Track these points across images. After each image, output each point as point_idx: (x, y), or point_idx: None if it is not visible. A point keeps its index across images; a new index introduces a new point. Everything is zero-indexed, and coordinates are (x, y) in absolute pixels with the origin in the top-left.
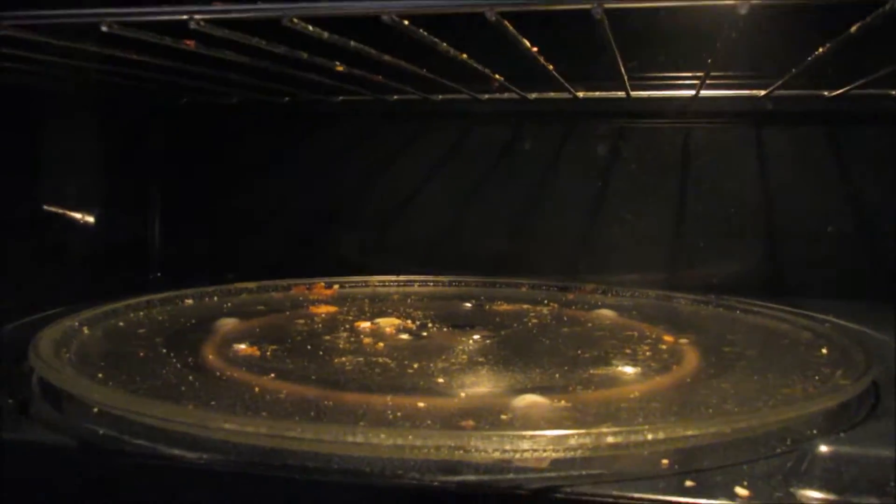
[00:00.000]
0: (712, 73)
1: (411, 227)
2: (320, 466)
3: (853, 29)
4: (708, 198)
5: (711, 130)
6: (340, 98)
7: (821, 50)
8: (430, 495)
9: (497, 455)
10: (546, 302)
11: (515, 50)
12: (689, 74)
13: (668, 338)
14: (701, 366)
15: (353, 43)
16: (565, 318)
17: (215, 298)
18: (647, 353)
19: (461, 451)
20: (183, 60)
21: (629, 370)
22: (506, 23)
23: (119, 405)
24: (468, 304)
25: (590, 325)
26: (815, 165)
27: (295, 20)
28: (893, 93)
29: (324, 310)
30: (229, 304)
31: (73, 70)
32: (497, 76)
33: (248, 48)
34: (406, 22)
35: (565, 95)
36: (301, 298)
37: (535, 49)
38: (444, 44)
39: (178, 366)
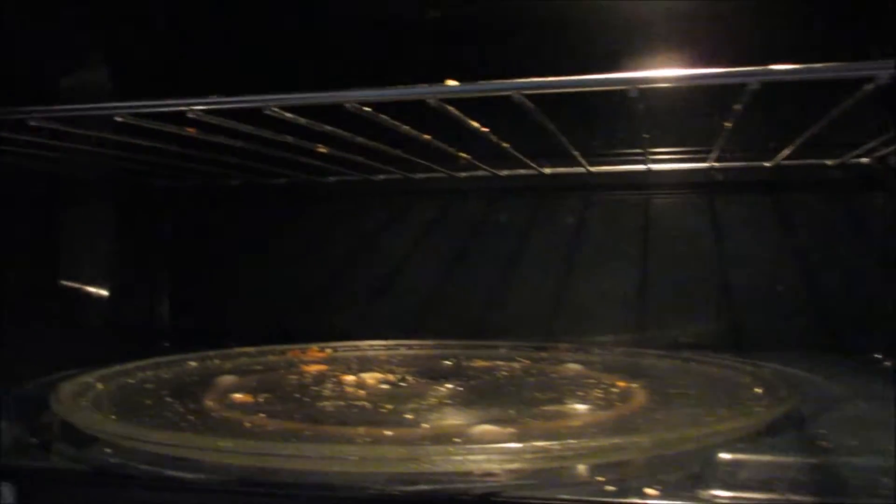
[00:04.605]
0: (666, 149)
1: (397, 297)
2: (298, 482)
3: (736, 107)
4: (668, 262)
5: (668, 200)
6: (332, 179)
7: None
8: (391, 502)
9: (448, 468)
10: (519, 359)
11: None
12: (642, 150)
13: (621, 383)
14: (643, 403)
15: (327, 127)
16: (533, 371)
17: (216, 361)
18: (599, 395)
19: (416, 463)
20: (186, 146)
21: (578, 407)
22: (448, 107)
23: (128, 434)
24: (447, 362)
25: (554, 375)
26: (765, 230)
27: (275, 109)
28: (828, 162)
29: (314, 368)
30: (229, 365)
31: (92, 156)
32: (464, 155)
33: (240, 134)
34: (367, 108)
35: (534, 172)
36: (296, 360)
37: (486, 129)
38: (406, 126)
39: (181, 410)
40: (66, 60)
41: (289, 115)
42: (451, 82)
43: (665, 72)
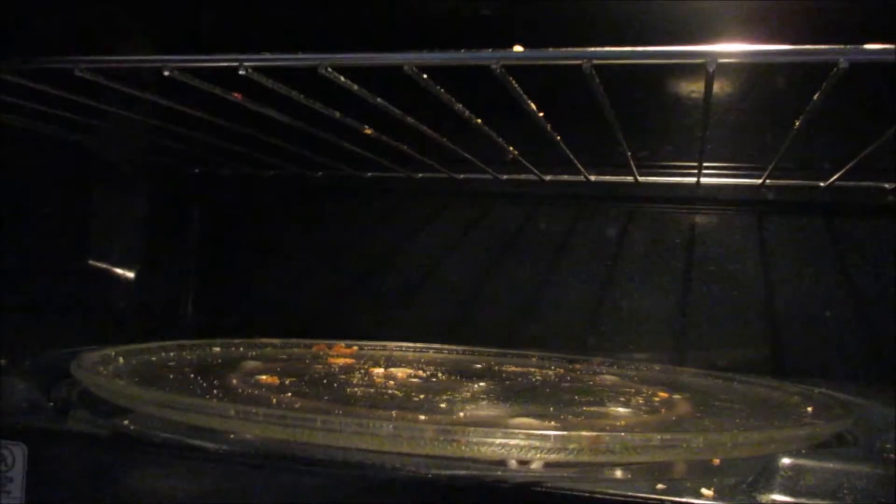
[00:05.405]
0: (716, 164)
1: (429, 300)
2: (326, 459)
3: (816, 97)
4: (712, 281)
5: (716, 217)
6: (370, 174)
7: (796, 124)
8: (424, 486)
9: (487, 452)
10: (553, 368)
11: (532, 131)
12: (694, 163)
13: (663, 394)
14: (689, 411)
15: (378, 99)
16: (568, 378)
17: (241, 349)
18: (641, 402)
19: (454, 444)
20: (228, 119)
21: (621, 410)
22: (511, 79)
23: (154, 399)
24: (478, 365)
25: (591, 383)
26: (814, 253)
27: (329, 69)
28: (887, 185)
29: (341, 360)
30: (254, 353)
31: (129, 127)
32: (512, 149)
33: (288, 105)
34: (425, 76)
35: (579, 178)
36: (322, 354)
37: (541, 114)
38: (460, 105)
39: (204, 385)
40: (104, 26)
41: (342, 78)
42: (518, 48)
43: (745, 46)
